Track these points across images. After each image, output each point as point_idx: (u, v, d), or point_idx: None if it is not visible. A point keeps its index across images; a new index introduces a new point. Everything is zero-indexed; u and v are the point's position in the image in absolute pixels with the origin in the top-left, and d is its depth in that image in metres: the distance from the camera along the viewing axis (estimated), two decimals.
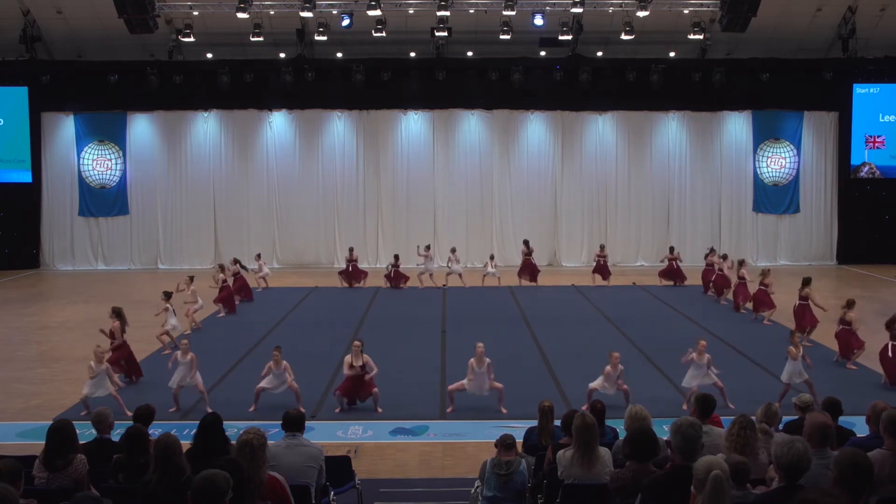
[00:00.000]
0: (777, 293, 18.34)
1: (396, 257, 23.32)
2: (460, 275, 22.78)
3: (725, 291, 20.60)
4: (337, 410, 11.94)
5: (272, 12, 24.39)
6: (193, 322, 17.58)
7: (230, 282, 20.00)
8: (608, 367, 11.70)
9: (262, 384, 11.94)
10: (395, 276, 22.75)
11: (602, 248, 23.93)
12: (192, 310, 17.60)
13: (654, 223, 27.82)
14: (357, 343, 12.15)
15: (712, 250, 22.70)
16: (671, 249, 23.92)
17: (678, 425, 5.36)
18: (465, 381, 11.92)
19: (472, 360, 11.91)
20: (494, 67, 26.27)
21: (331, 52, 26.57)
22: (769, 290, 18.08)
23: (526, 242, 23.61)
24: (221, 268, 20.08)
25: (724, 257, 21.86)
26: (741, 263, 20.13)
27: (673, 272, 23.23)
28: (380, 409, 11.90)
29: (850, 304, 14.82)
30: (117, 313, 13.66)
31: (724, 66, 26.42)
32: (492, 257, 23.82)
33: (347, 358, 12.00)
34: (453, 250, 23.61)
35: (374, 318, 18.50)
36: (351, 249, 23.67)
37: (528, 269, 23.19)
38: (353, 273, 23.05)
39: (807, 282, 16.91)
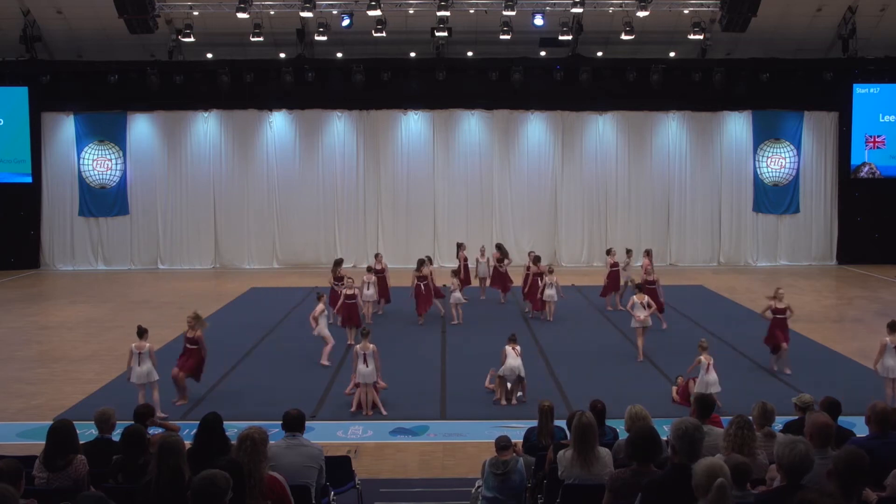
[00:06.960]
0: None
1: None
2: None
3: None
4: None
5: (272, 12, 24.38)
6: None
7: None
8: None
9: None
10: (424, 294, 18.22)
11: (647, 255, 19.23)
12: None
13: (654, 223, 27.78)
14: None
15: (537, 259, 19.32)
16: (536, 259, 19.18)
17: (683, 429, 5.34)
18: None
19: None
20: (494, 67, 26.24)
21: (331, 52, 26.56)
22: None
23: (499, 247, 21.03)
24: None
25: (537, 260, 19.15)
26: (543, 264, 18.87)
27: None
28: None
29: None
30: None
31: (724, 66, 26.38)
32: (550, 270, 18.78)
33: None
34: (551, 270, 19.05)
35: (374, 318, 18.45)
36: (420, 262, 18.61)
37: (500, 279, 20.50)
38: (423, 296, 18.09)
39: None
